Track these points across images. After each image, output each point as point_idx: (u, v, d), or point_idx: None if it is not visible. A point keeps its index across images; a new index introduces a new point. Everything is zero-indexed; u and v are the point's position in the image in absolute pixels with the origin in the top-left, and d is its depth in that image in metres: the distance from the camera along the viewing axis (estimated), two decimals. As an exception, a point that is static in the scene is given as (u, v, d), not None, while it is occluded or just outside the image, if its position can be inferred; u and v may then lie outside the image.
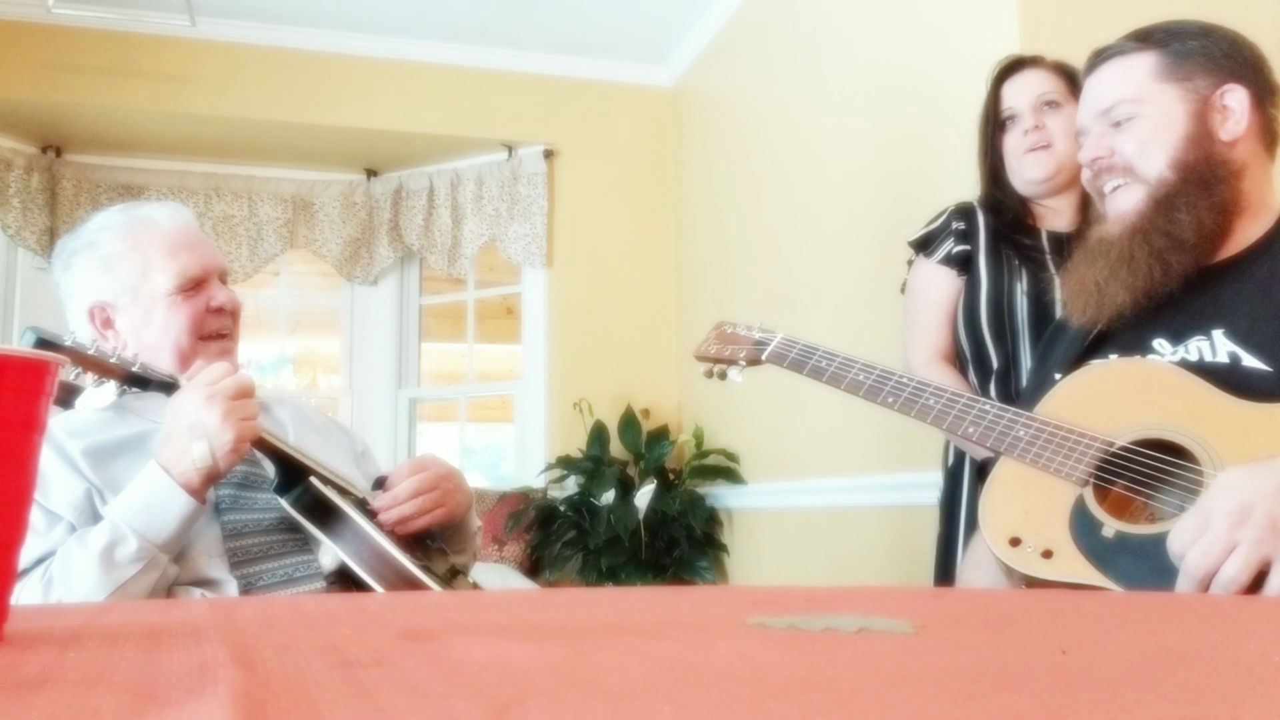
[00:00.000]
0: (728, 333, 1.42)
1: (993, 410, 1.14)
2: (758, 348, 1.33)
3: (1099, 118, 1.20)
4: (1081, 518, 1.03)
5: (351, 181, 4.09)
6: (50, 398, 0.54)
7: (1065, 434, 1.08)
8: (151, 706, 0.36)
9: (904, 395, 1.20)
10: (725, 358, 1.39)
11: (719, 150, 3.61)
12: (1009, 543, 1.06)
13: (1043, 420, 1.11)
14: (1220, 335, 1.09)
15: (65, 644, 0.51)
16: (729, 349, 1.39)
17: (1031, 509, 1.07)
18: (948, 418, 1.16)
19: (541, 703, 0.35)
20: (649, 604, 0.74)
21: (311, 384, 4.75)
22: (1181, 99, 1.16)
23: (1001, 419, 1.13)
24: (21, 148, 3.72)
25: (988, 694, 0.38)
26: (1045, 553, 1.03)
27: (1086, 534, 1.02)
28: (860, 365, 1.24)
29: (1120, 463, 1.04)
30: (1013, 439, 1.11)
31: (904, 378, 1.21)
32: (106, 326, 1.36)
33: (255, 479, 1.31)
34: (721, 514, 3.46)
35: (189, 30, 3.50)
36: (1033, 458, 1.09)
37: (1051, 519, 1.05)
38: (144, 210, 1.40)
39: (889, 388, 1.21)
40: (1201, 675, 0.42)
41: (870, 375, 1.23)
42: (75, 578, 1.10)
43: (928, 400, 1.18)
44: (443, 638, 0.53)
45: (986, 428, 1.13)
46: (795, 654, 0.47)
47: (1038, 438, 1.09)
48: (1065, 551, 1.02)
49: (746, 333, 1.39)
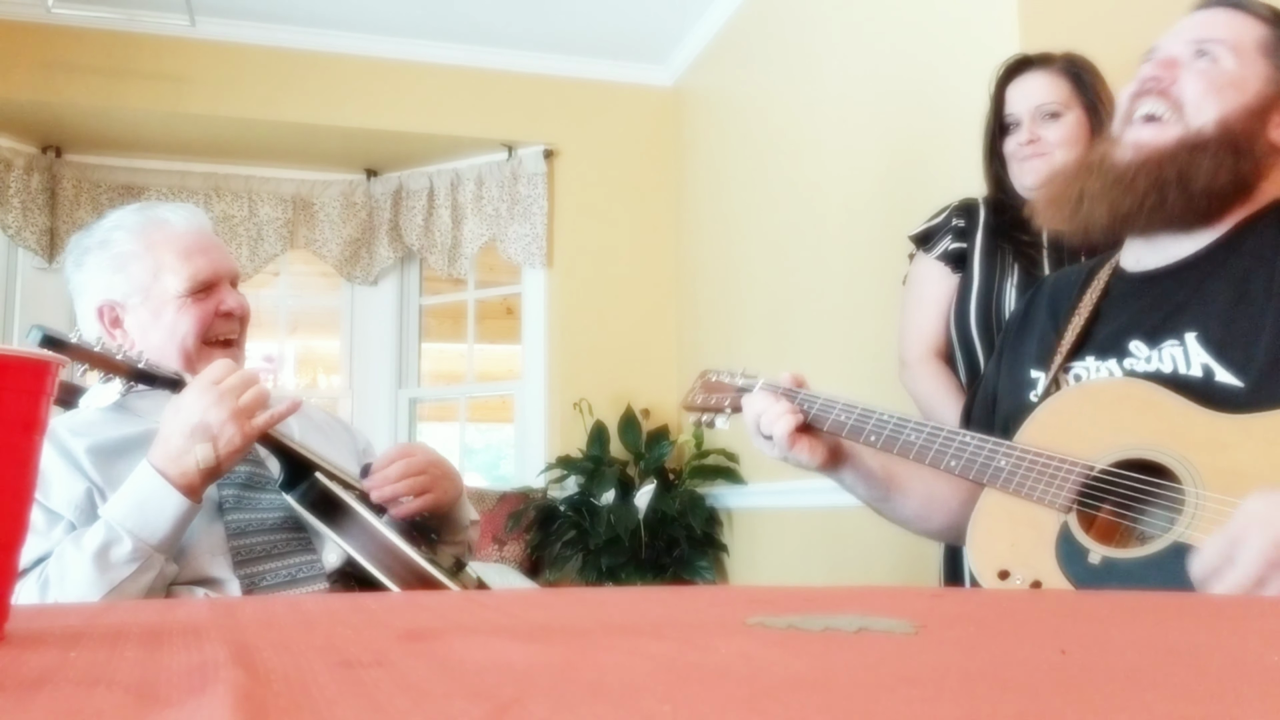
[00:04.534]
0: (712, 381, 1.44)
1: (973, 442, 1.14)
2: (740, 395, 1.34)
3: (1186, 43, 1.17)
4: (1067, 545, 1.03)
5: (351, 181, 4.09)
6: (51, 398, 0.54)
7: (1045, 461, 1.08)
8: (152, 706, 0.36)
9: (885, 433, 1.20)
10: (711, 406, 1.41)
11: (719, 150, 3.61)
12: (998, 576, 1.06)
13: (1022, 449, 1.10)
14: (1193, 340, 1.09)
15: (66, 644, 0.51)
16: (714, 397, 1.41)
17: (1018, 540, 1.07)
18: (929, 453, 1.17)
19: (541, 702, 0.35)
20: (649, 604, 0.74)
21: (312, 384, 4.75)
22: (1264, 78, 1.15)
23: (982, 450, 1.13)
24: (21, 148, 3.72)
25: (988, 694, 0.38)
26: (1034, 584, 1.03)
27: (1073, 562, 1.02)
28: (841, 405, 1.25)
29: (1103, 486, 1.03)
30: (994, 470, 1.11)
31: (885, 415, 1.22)
32: (115, 326, 1.36)
33: (259, 479, 1.31)
34: (721, 514, 3.46)
35: (189, 30, 3.50)
36: (1015, 487, 1.08)
37: (1038, 549, 1.04)
38: (159, 211, 1.40)
39: (870, 426, 1.22)
40: (1202, 675, 0.42)
41: (851, 415, 1.24)
42: (70, 579, 1.10)
43: (909, 436, 1.19)
44: (443, 637, 0.53)
45: (968, 461, 1.13)
46: (795, 654, 0.47)
47: (1019, 467, 1.09)
48: (1054, 581, 1.02)
49: (730, 380, 1.40)
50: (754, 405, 1.28)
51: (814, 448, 1.26)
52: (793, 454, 1.25)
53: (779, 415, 1.24)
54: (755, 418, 1.28)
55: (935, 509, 1.32)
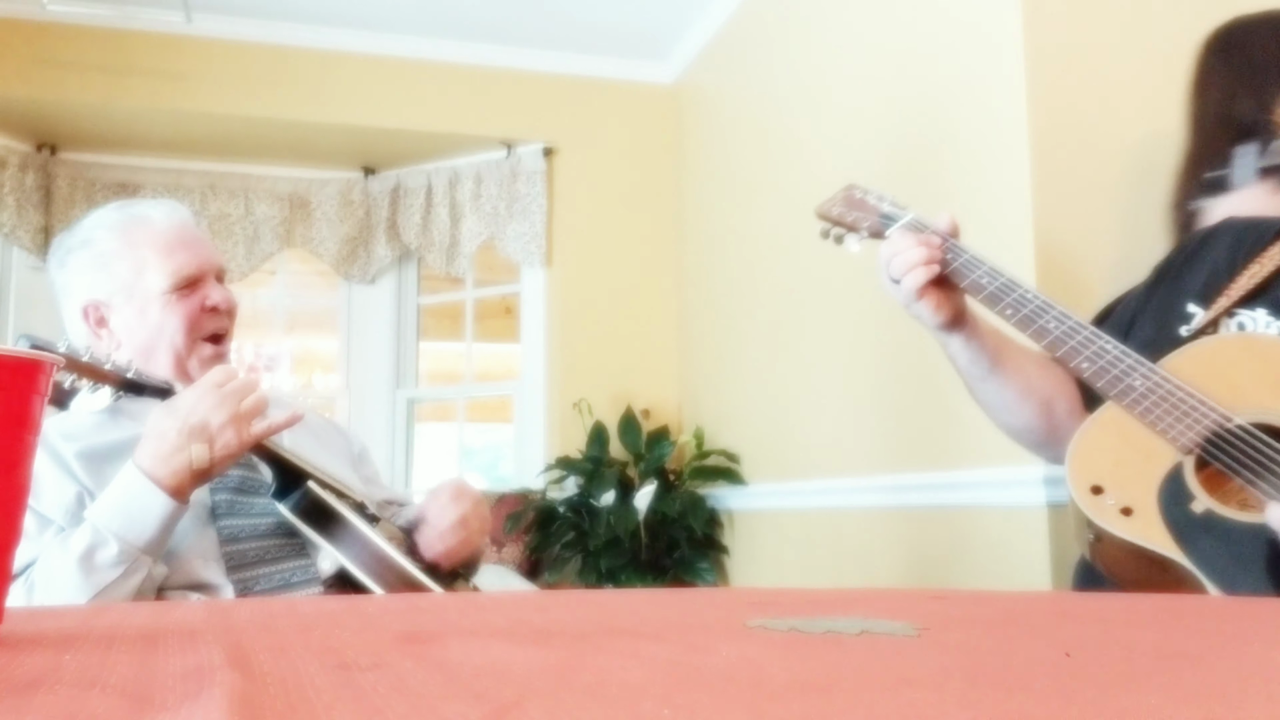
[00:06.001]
0: (856, 198, 1.33)
1: (1113, 351, 1.08)
2: (884, 221, 1.25)
3: None
4: (1174, 486, 0.98)
5: (349, 180, 4.09)
6: (45, 398, 0.54)
7: (1185, 396, 1.02)
8: (147, 710, 0.35)
9: (1025, 311, 1.13)
10: (848, 222, 1.30)
11: (719, 148, 3.61)
12: (1090, 490, 1.01)
13: (1163, 375, 1.04)
14: None
15: (60, 646, 0.50)
16: (853, 214, 1.30)
17: (1124, 461, 1.01)
18: (1064, 346, 1.10)
19: (540, 705, 0.35)
20: (649, 606, 0.74)
21: (308, 384, 4.74)
22: None
23: (1120, 363, 1.07)
24: (16, 145, 3.71)
25: (991, 696, 0.37)
26: (1125, 509, 0.98)
27: (1174, 503, 0.97)
28: (987, 268, 1.17)
29: (1233, 441, 0.98)
30: (1126, 386, 1.05)
31: (1029, 292, 1.14)
32: (100, 325, 1.35)
33: (252, 483, 1.30)
34: (722, 515, 3.45)
35: (185, 27, 3.50)
36: (1142, 411, 1.03)
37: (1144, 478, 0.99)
38: (140, 208, 1.39)
39: (1011, 299, 1.14)
40: (1206, 677, 0.41)
41: (995, 281, 1.16)
42: (56, 582, 1.08)
43: (1046, 323, 1.12)
44: (441, 640, 0.53)
45: (1102, 368, 1.07)
46: (796, 656, 0.47)
47: (1153, 392, 1.03)
48: (1146, 514, 0.97)
49: (876, 202, 1.30)
50: (894, 243, 1.20)
51: (941, 304, 1.18)
52: (917, 306, 1.18)
53: (916, 263, 1.16)
54: (890, 256, 1.19)
55: (1029, 405, 1.25)
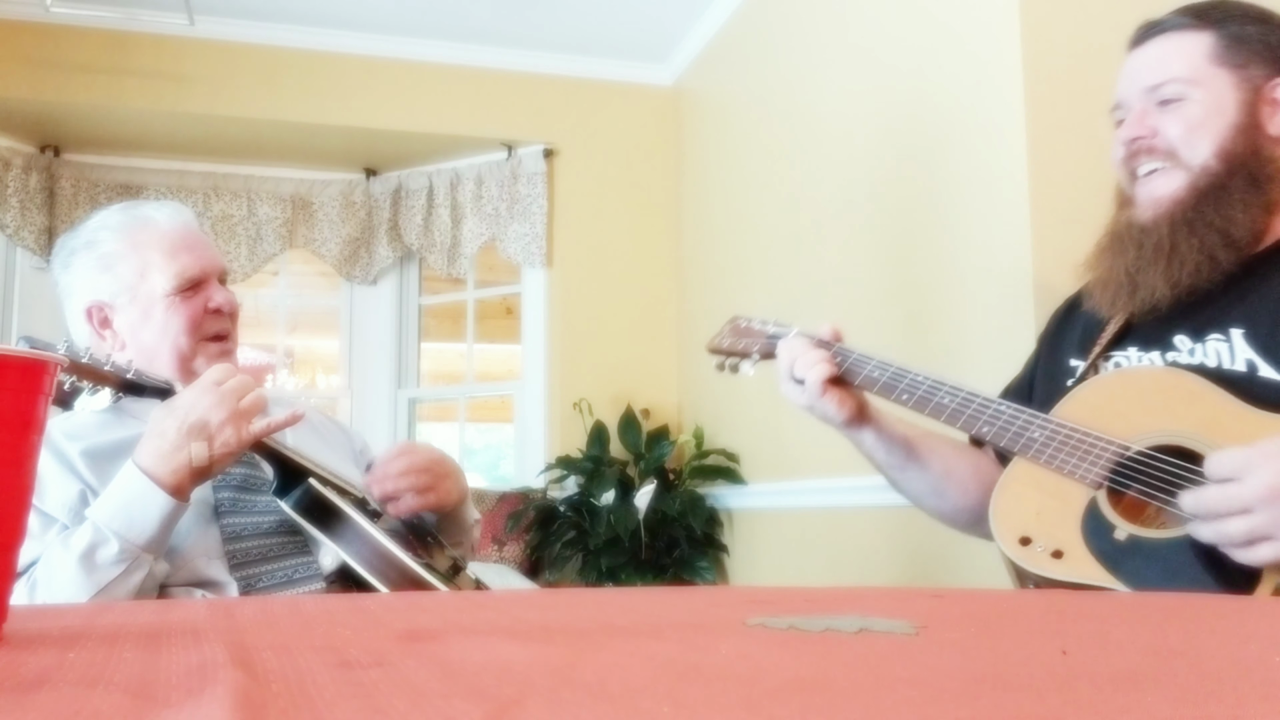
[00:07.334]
0: (742, 326, 1.41)
1: (1008, 411, 1.13)
2: (772, 340, 1.32)
3: (1145, 94, 1.16)
4: (1094, 520, 1.03)
5: (350, 181, 4.09)
6: (49, 397, 0.54)
7: (1081, 436, 1.07)
8: (150, 707, 0.35)
9: (918, 394, 1.19)
10: (739, 350, 1.38)
11: (719, 150, 3.61)
12: (1019, 542, 1.05)
13: (1058, 422, 1.10)
14: (1239, 337, 1.08)
15: (64, 644, 0.51)
16: (743, 342, 1.38)
17: (1044, 509, 1.06)
18: (961, 417, 1.15)
19: (541, 703, 0.35)
20: (649, 604, 0.74)
21: (310, 384, 4.75)
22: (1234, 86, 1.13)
23: (1017, 419, 1.12)
24: (19, 147, 3.72)
25: (988, 695, 0.37)
26: (1055, 553, 1.02)
27: (1098, 536, 1.01)
28: (876, 363, 1.23)
29: (1136, 467, 1.03)
30: (1027, 440, 1.10)
31: (919, 375, 1.20)
32: (104, 326, 1.35)
33: (254, 481, 1.30)
34: (721, 514, 3.45)
35: (188, 29, 3.50)
36: (1047, 459, 1.08)
37: (1063, 520, 1.04)
38: (143, 210, 1.40)
39: (903, 385, 1.20)
40: (1202, 676, 0.41)
41: (885, 372, 1.22)
42: (58, 581, 1.09)
43: (941, 399, 1.17)
44: (442, 638, 0.53)
45: (1001, 428, 1.13)
46: (795, 654, 0.47)
47: (1053, 439, 1.09)
48: (1076, 552, 1.01)
49: (761, 326, 1.38)
50: (789, 350, 1.27)
51: (843, 400, 1.24)
52: (821, 403, 1.24)
53: (814, 362, 1.23)
54: (789, 362, 1.26)
55: (951, 488, 1.30)
